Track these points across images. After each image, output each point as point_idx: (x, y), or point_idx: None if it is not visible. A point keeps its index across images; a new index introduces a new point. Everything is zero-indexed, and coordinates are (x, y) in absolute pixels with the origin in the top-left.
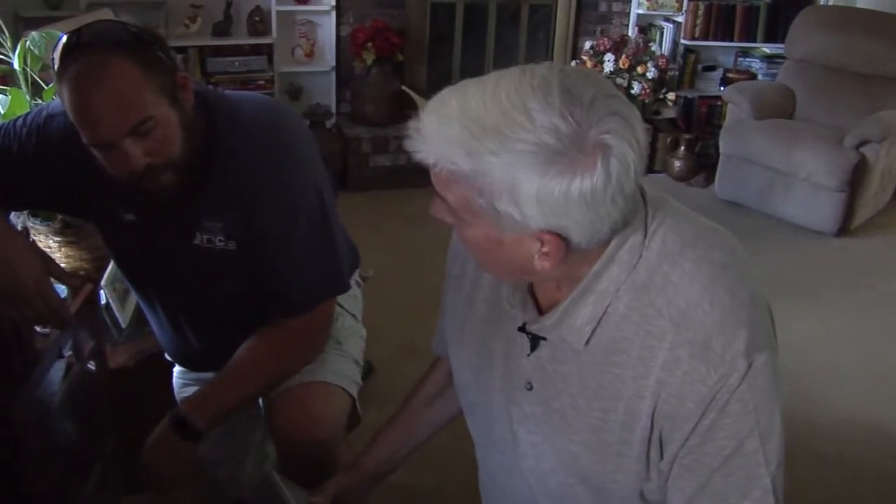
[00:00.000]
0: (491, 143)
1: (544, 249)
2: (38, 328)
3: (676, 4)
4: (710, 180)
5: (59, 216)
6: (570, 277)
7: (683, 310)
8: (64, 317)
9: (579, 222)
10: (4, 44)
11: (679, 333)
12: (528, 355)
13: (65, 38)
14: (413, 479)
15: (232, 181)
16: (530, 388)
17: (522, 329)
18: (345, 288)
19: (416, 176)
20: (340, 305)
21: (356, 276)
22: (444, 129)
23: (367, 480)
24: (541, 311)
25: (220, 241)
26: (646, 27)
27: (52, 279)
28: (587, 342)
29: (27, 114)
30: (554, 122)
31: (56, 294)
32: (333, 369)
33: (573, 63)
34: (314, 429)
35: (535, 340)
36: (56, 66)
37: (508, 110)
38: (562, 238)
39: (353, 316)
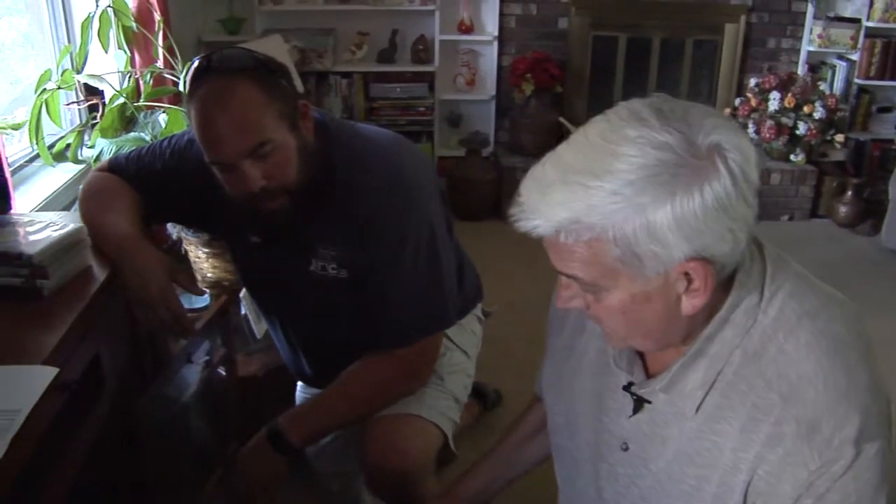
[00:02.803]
0: (608, 184)
1: (693, 286)
2: None
3: (851, 42)
4: (877, 228)
5: None
6: (684, 336)
7: (794, 384)
8: (185, 325)
9: (720, 234)
10: (176, 66)
11: (786, 409)
12: (630, 416)
13: (196, 63)
14: None
15: (347, 211)
16: (626, 449)
17: (627, 388)
18: (447, 324)
19: None
20: (451, 340)
21: (477, 311)
22: (551, 196)
23: None
24: (648, 373)
25: (332, 268)
26: (817, 65)
27: (180, 288)
28: (698, 408)
29: (173, 135)
30: (661, 138)
31: (179, 303)
32: (430, 404)
33: (737, 101)
34: (400, 460)
35: (640, 402)
36: (187, 89)
37: (610, 148)
38: (707, 263)
39: (465, 352)
